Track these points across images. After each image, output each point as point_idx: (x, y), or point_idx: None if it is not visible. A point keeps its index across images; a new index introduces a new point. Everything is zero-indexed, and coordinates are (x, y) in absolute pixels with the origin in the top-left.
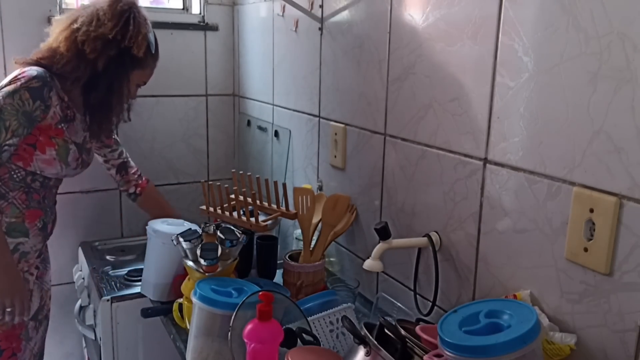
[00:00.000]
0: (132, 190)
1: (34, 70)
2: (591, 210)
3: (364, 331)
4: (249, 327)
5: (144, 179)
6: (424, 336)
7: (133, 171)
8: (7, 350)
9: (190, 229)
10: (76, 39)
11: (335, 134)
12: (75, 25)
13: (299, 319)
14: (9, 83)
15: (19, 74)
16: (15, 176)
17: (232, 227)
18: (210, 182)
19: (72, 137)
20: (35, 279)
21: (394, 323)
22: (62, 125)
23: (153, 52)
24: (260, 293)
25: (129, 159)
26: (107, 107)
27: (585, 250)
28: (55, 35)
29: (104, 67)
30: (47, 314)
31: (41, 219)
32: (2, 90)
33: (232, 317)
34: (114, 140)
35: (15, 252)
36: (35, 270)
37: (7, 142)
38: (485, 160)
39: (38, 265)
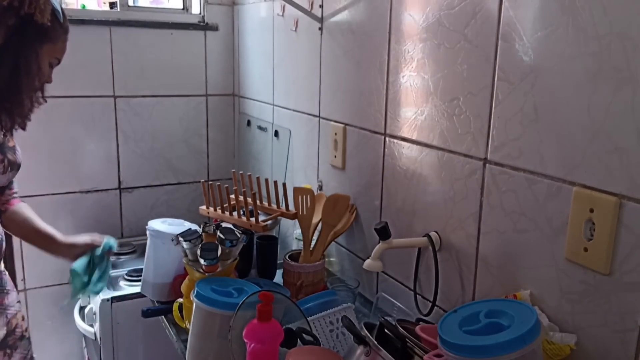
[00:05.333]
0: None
1: None
2: (591, 210)
3: (364, 331)
4: (249, 327)
5: (16, 200)
6: (424, 336)
7: (10, 192)
8: None
9: (190, 229)
10: None
11: (335, 134)
12: None
13: (299, 319)
14: None
15: None
16: None
17: (232, 227)
18: (210, 182)
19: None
20: None
21: (394, 323)
22: None
23: (61, 20)
24: (260, 293)
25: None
26: (16, 87)
27: (585, 250)
28: None
29: (5, 40)
30: (23, 335)
31: None
32: None
33: (232, 317)
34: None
35: None
36: None
37: None
38: (485, 160)
39: None
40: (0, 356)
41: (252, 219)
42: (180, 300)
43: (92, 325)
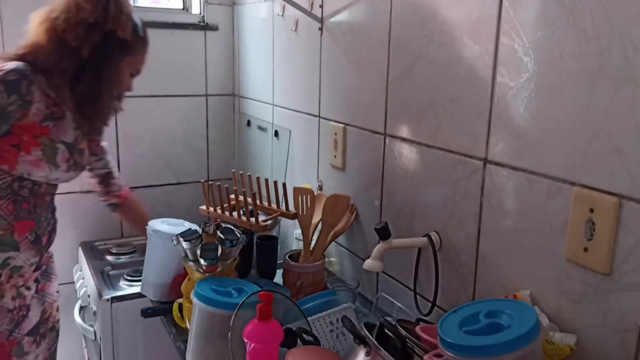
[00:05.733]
0: (112, 201)
1: (13, 64)
2: (591, 210)
3: (364, 331)
4: (249, 327)
5: (124, 190)
6: (424, 336)
7: (115, 182)
8: None
9: (190, 229)
10: (56, 29)
11: (335, 134)
12: (54, 15)
13: (299, 319)
14: None
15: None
16: (0, 183)
17: (232, 227)
18: (210, 182)
19: (60, 136)
20: (34, 293)
21: (394, 323)
22: (47, 123)
23: (141, 34)
24: (260, 293)
25: (114, 169)
26: (95, 97)
27: (585, 250)
28: (34, 29)
29: (90, 54)
30: (54, 326)
31: (33, 231)
32: None
33: (232, 317)
34: (102, 149)
35: (5, 267)
36: (34, 284)
37: None
38: (485, 160)
39: (38, 278)
40: (30, 342)
41: (252, 219)
42: (180, 300)
43: (92, 325)
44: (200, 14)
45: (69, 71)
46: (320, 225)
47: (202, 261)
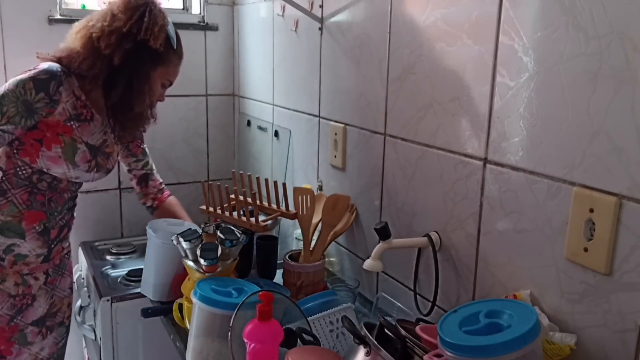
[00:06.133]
0: (149, 203)
1: (46, 64)
2: (591, 210)
3: (364, 331)
4: (249, 327)
5: (164, 193)
6: (424, 336)
7: (154, 184)
8: None
9: (190, 229)
10: (91, 36)
11: (335, 134)
12: (91, 23)
13: (299, 319)
14: (21, 74)
15: (33, 67)
16: (20, 173)
17: (232, 227)
18: (210, 182)
19: (84, 137)
20: (42, 284)
21: (394, 323)
22: (72, 123)
23: (175, 47)
24: (260, 293)
25: (154, 171)
26: (127, 105)
27: (585, 250)
28: (71, 36)
29: (121, 62)
30: (64, 321)
31: (42, 222)
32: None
33: (232, 317)
34: (142, 150)
35: (9, 253)
36: (43, 276)
37: (2, 127)
38: (485, 160)
39: (49, 270)
40: (34, 333)
41: (252, 219)
42: (180, 300)
43: (92, 325)
44: (200, 14)
45: (101, 77)
46: (320, 225)
47: (202, 261)
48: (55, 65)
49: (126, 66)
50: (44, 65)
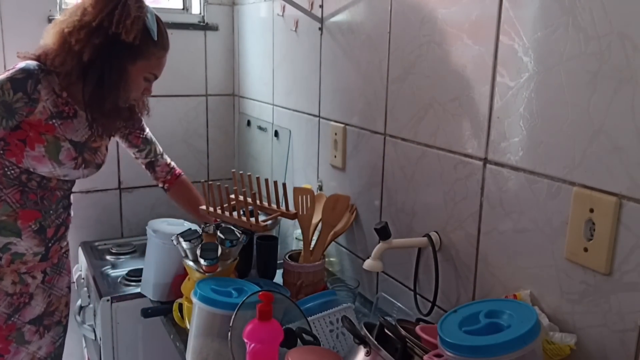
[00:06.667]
0: (160, 185)
1: (24, 64)
2: (591, 210)
3: (364, 331)
4: (249, 327)
5: (174, 173)
6: (424, 336)
7: (161, 169)
8: None
9: (190, 229)
10: (63, 31)
11: (335, 134)
12: (63, 18)
13: (299, 319)
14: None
15: (12, 67)
16: (9, 173)
17: (232, 227)
18: (210, 182)
19: (68, 134)
20: (40, 283)
21: (394, 323)
22: (54, 121)
23: (155, 38)
24: (260, 293)
25: (159, 155)
26: (99, 101)
27: (585, 250)
28: (47, 32)
29: (90, 57)
30: (61, 320)
31: (37, 221)
32: None
33: (232, 317)
34: (142, 140)
35: (6, 252)
36: (40, 274)
37: None
38: (485, 160)
39: (46, 270)
40: (32, 332)
41: (252, 219)
42: (180, 300)
43: (92, 325)
44: (200, 14)
45: (73, 73)
46: (320, 225)
47: (202, 261)
48: (32, 64)
49: (96, 62)
50: (22, 64)
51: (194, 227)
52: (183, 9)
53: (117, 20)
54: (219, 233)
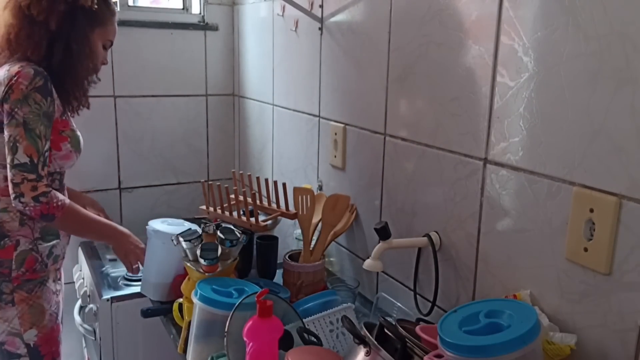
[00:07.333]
0: None
1: (29, 69)
2: (591, 210)
3: (364, 331)
4: (248, 324)
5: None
6: (424, 336)
7: None
8: (47, 356)
9: (190, 229)
10: (20, 6)
11: (335, 134)
12: None
13: (294, 320)
14: (9, 90)
15: (15, 78)
16: None
17: (232, 227)
18: (210, 182)
19: (74, 123)
20: (59, 280)
21: (394, 323)
22: (65, 115)
23: (108, 3)
24: (257, 294)
25: None
26: (72, 70)
27: (585, 250)
28: (2, 13)
29: (57, 25)
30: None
31: None
32: (9, 100)
33: (229, 318)
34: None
35: (50, 256)
36: (60, 273)
37: (46, 148)
38: (485, 160)
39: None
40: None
41: (252, 219)
42: (180, 300)
43: (92, 325)
44: (200, 14)
45: (42, 45)
46: (320, 225)
47: (202, 261)
48: (32, 65)
49: (63, 29)
50: (26, 70)
51: (194, 227)
52: (183, 9)
53: None
54: (219, 233)
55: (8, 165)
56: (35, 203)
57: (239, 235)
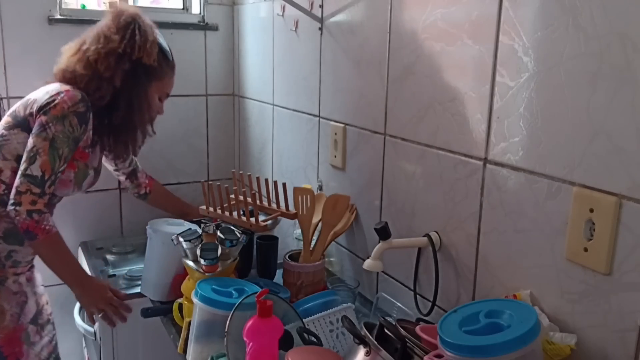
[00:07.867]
0: (142, 192)
1: (77, 92)
2: (591, 210)
3: (364, 331)
4: (249, 323)
5: (150, 177)
6: (424, 336)
7: (142, 175)
8: (10, 356)
9: (190, 228)
10: (88, 59)
11: (335, 134)
12: (85, 47)
13: (294, 320)
14: (52, 103)
15: (62, 95)
16: None
17: (232, 227)
18: (210, 182)
19: (92, 162)
20: (26, 281)
21: (394, 323)
22: (89, 150)
23: (169, 58)
24: (257, 294)
25: (136, 162)
26: (130, 125)
27: (585, 250)
28: (66, 60)
29: (122, 83)
30: (49, 319)
31: None
32: (48, 113)
33: (229, 318)
34: None
35: (9, 259)
36: (24, 277)
37: (60, 170)
38: (485, 160)
39: (26, 271)
40: (34, 332)
41: (252, 219)
42: (180, 300)
43: (92, 325)
44: (200, 14)
45: (105, 99)
46: (320, 225)
47: (202, 261)
48: (80, 93)
49: (126, 87)
50: (73, 94)
51: (194, 227)
52: (183, 9)
53: (139, 45)
54: (219, 233)
55: (19, 172)
56: (27, 217)
57: (239, 235)
